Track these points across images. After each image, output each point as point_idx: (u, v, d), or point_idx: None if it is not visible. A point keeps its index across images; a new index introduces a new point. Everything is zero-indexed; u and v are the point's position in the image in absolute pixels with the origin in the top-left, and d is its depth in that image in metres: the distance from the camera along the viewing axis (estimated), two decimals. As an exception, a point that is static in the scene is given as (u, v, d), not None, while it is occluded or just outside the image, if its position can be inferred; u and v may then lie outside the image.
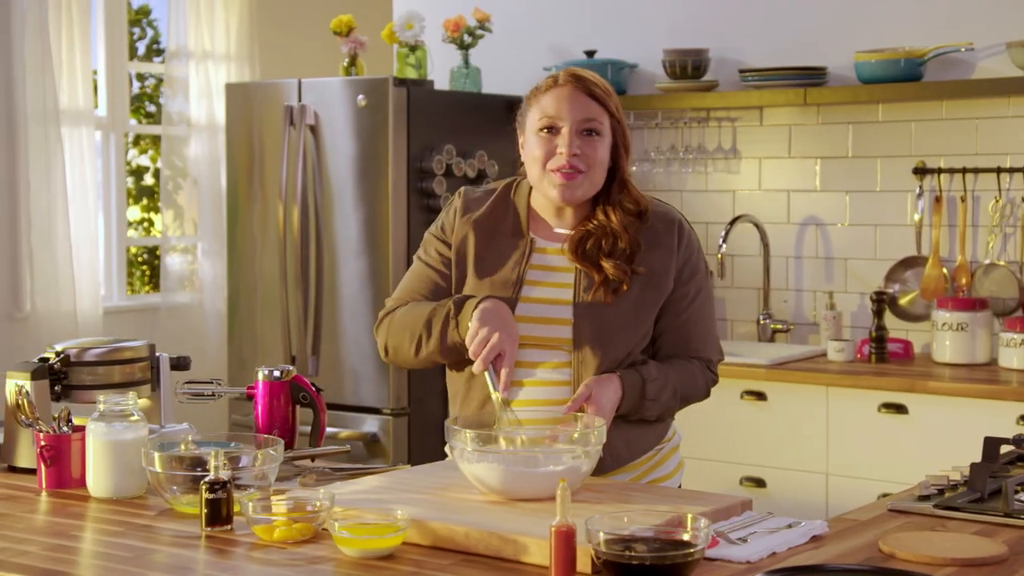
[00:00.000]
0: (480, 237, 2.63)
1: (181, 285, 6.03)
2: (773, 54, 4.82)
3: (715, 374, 2.71)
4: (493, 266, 2.60)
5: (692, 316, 2.63)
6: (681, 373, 2.61)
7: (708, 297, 2.68)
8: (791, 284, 4.88)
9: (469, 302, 2.51)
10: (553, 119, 2.54)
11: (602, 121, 2.55)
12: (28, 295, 5.46)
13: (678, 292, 2.61)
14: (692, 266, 2.63)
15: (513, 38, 5.32)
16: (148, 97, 6.74)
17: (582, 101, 2.53)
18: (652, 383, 2.55)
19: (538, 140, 2.55)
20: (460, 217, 2.66)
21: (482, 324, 2.45)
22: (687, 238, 2.63)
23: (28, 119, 5.34)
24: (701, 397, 2.69)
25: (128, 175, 6.59)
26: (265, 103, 4.99)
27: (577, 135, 2.53)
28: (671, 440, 2.72)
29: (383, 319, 2.67)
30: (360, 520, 2.11)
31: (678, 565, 1.91)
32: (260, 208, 5.01)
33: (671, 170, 5.02)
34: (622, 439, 2.57)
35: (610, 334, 2.54)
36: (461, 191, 2.72)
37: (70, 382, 2.72)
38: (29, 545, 2.14)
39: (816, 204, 4.83)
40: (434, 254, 2.67)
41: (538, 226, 2.64)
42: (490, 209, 2.66)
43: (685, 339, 2.63)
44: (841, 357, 4.46)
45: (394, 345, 2.63)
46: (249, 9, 6.12)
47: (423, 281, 2.66)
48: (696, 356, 2.65)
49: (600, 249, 2.55)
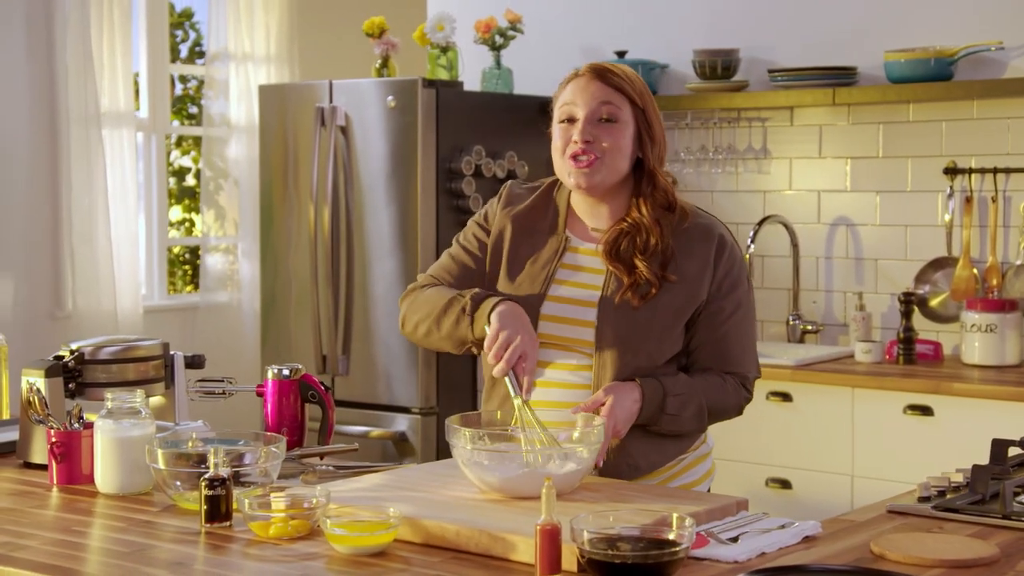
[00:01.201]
0: (517, 231, 2.64)
1: (221, 285, 6.09)
2: (803, 54, 4.81)
3: (750, 391, 2.64)
4: (525, 261, 2.61)
5: (730, 331, 2.57)
6: (711, 389, 2.56)
7: (748, 313, 2.62)
8: (821, 285, 4.86)
9: (486, 302, 2.51)
10: (570, 109, 2.53)
11: (620, 108, 2.52)
12: (69, 294, 5.55)
13: (715, 305, 2.55)
14: (732, 280, 2.57)
15: (544, 39, 5.34)
16: (190, 99, 6.83)
17: (599, 90, 2.52)
18: (674, 398, 2.50)
19: (558, 131, 2.56)
20: (501, 209, 2.67)
21: (503, 327, 2.44)
22: (728, 252, 2.58)
23: (70, 121, 5.43)
24: (732, 414, 2.64)
25: (170, 176, 6.68)
26: (298, 104, 5.04)
27: (592, 122, 2.51)
28: (696, 449, 2.66)
29: (410, 292, 2.69)
30: (354, 517, 2.14)
31: (661, 564, 1.92)
32: (293, 208, 5.06)
33: (701, 171, 5.02)
34: (640, 450, 2.54)
35: (633, 339, 2.51)
36: (508, 184, 2.74)
37: (84, 380, 2.77)
38: (31, 540, 2.19)
39: (846, 204, 4.81)
40: (472, 239, 2.69)
41: (575, 225, 2.63)
42: (531, 205, 2.66)
43: (722, 354, 2.58)
44: (868, 358, 4.44)
45: (413, 321, 2.65)
46: (289, 11, 6.18)
47: (456, 263, 2.68)
48: (732, 372, 2.60)
49: (635, 246, 2.53)
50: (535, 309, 2.55)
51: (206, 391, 2.83)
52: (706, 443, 2.70)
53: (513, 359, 2.41)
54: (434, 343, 2.62)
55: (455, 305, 2.55)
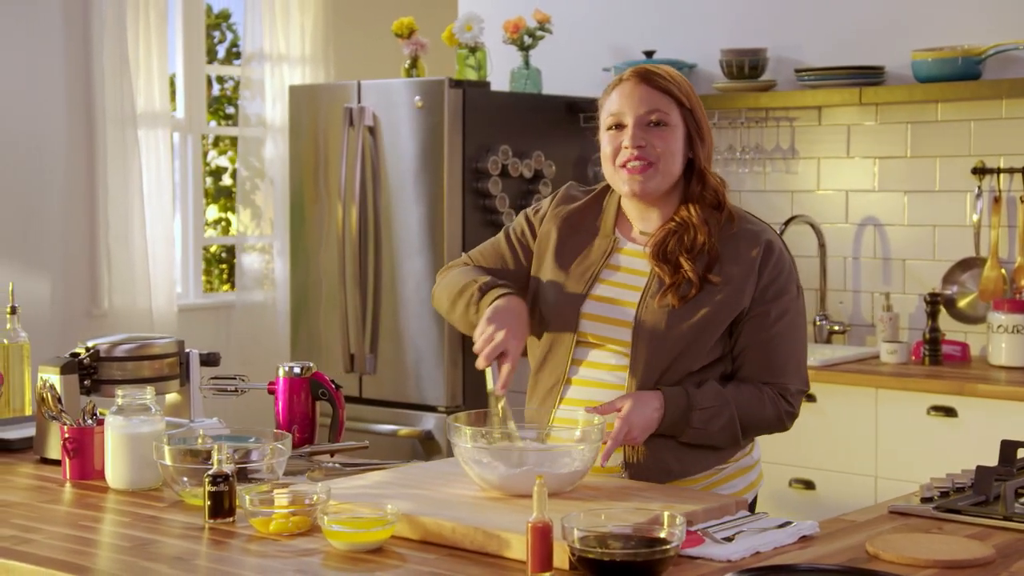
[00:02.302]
0: (564, 231, 2.64)
1: (257, 284, 6.14)
2: (830, 53, 4.79)
3: (791, 404, 2.56)
4: (570, 260, 2.61)
5: (775, 337, 2.52)
6: (745, 401, 2.50)
7: (795, 322, 2.55)
8: (849, 285, 4.85)
9: (490, 293, 2.54)
10: (618, 116, 2.53)
11: (668, 111, 2.51)
12: (106, 293, 5.62)
13: (759, 310, 2.51)
14: (779, 287, 2.52)
15: (573, 39, 5.35)
16: (227, 99, 6.89)
17: (646, 94, 2.51)
18: (701, 411, 2.46)
19: (607, 138, 2.55)
20: (553, 208, 2.68)
21: (489, 322, 2.47)
22: (775, 258, 2.53)
23: (106, 122, 5.50)
24: (774, 428, 2.56)
25: (207, 176, 6.75)
26: (328, 105, 5.08)
27: (641, 128, 2.50)
28: (739, 460, 2.60)
29: (448, 268, 2.74)
30: (353, 514, 2.17)
31: (650, 562, 1.93)
32: (323, 208, 5.10)
33: (728, 170, 5.01)
34: (675, 454, 2.51)
35: (669, 341, 2.48)
36: (568, 184, 2.75)
37: (100, 377, 2.81)
38: (37, 534, 2.23)
39: (874, 204, 4.79)
40: (517, 231, 2.71)
41: (625, 228, 2.63)
42: (582, 207, 2.67)
43: (765, 360, 2.53)
44: (894, 359, 4.42)
45: (437, 296, 2.71)
46: (324, 12, 6.23)
47: (495, 251, 2.72)
48: (773, 381, 2.53)
49: (682, 245, 2.51)
50: (576, 307, 2.56)
51: (219, 388, 2.87)
52: (751, 454, 2.64)
53: (493, 355, 2.44)
54: (454, 322, 2.67)
55: (467, 291, 2.59)
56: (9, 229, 5.30)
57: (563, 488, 2.33)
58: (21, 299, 5.25)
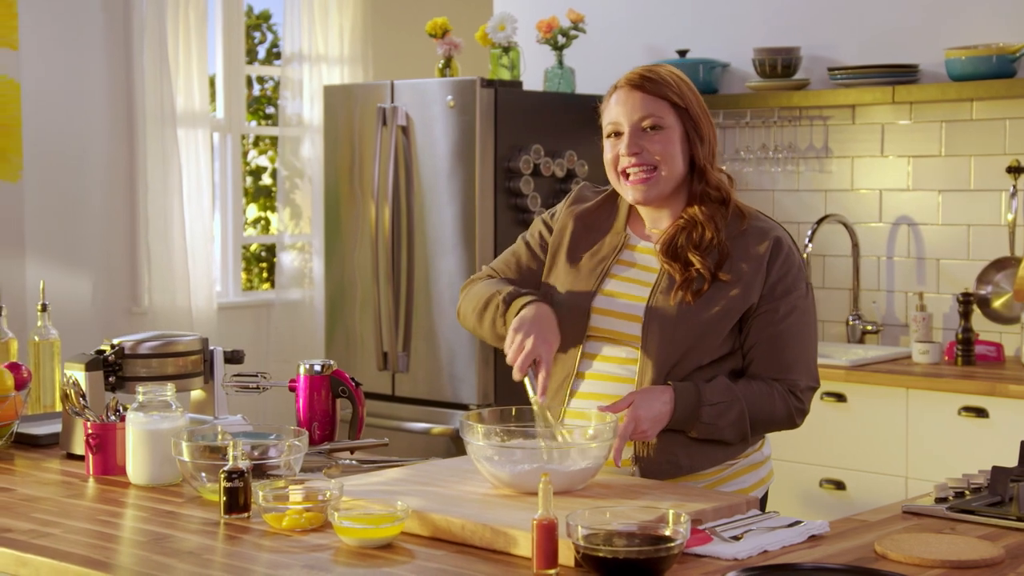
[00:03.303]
0: (578, 228, 2.67)
1: (295, 282, 6.19)
2: (864, 52, 4.77)
3: (801, 401, 2.56)
4: (582, 257, 2.64)
5: (783, 333, 2.52)
6: (755, 397, 2.51)
7: (804, 318, 2.55)
8: (882, 285, 4.82)
9: (516, 302, 2.56)
10: (615, 124, 2.56)
11: (662, 115, 2.53)
12: (146, 291, 5.69)
13: (768, 306, 2.52)
14: (788, 284, 2.53)
15: (607, 38, 5.36)
16: (267, 99, 6.95)
17: (638, 100, 2.53)
18: (711, 407, 2.48)
19: (607, 146, 2.59)
20: (567, 208, 2.71)
21: (517, 331, 2.48)
22: (784, 255, 2.54)
23: (146, 122, 5.57)
24: (783, 425, 2.57)
25: (247, 175, 6.81)
26: (361, 104, 5.11)
27: (637, 134, 2.53)
28: (749, 456, 2.61)
29: (469, 283, 2.76)
30: (365, 510, 2.19)
31: (653, 560, 1.94)
32: (358, 207, 5.13)
33: (762, 169, 5.00)
34: (685, 449, 2.53)
35: (678, 336, 2.50)
36: (580, 184, 2.79)
37: (124, 374, 2.85)
38: (55, 528, 2.26)
39: (908, 204, 4.77)
40: (536, 236, 2.74)
41: (636, 225, 2.66)
42: (596, 205, 2.70)
43: (773, 357, 2.54)
44: (925, 359, 4.40)
45: (463, 312, 2.72)
46: (362, 12, 6.27)
47: (515, 258, 2.74)
48: (782, 378, 2.54)
49: (690, 241, 2.53)
50: (587, 303, 2.58)
51: (241, 385, 2.90)
52: (761, 451, 2.65)
53: (526, 364, 2.45)
54: (483, 337, 2.69)
55: (492, 302, 2.61)
56: (52, 228, 5.38)
57: (575, 486, 2.34)
58: (63, 297, 5.36)
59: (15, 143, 5.26)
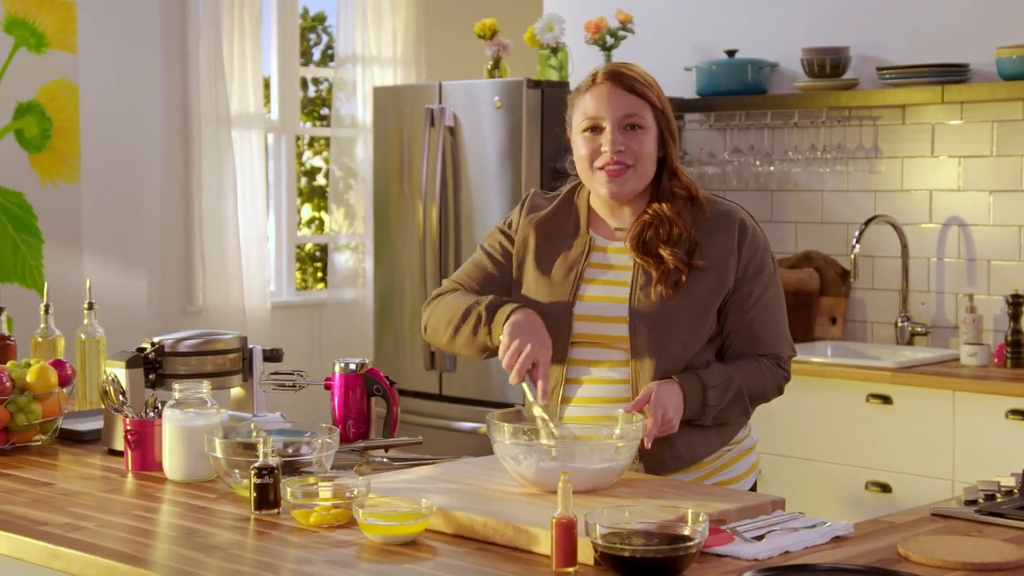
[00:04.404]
0: (540, 238, 2.68)
1: (349, 282, 6.24)
2: (913, 51, 4.73)
3: (786, 371, 2.67)
4: (552, 266, 2.65)
5: (760, 314, 2.61)
6: (747, 374, 2.59)
7: (776, 294, 2.65)
8: (932, 286, 4.78)
9: (501, 310, 2.56)
10: (595, 119, 2.57)
11: (643, 115, 2.56)
12: (200, 290, 5.76)
13: (743, 290, 2.59)
14: (757, 264, 2.61)
15: (655, 39, 5.35)
16: (323, 101, 7.01)
17: (621, 97, 2.55)
18: (713, 389, 2.54)
19: (583, 140, 2.59)
20: (524, 217, 2.72)
21: (513, 337, 2.49)
22: (751, 235, 2.61)
23: (201, 123, 5.64)
24: (773, 395, 2.67)
25: (302, 176, 6.87)
26: (410, 106, 5.15)
27: (620, 131, 2.55)
28: (741, 443, 2.69)
29: (433, 299, 2.74)
30: (391, 508, 2.21)
31: (670, 559, 1.95)
32: (407, 207, 5.17)
33: (810, 170, 4.97)
34: (684, 440, 2.58)
35: (667, 331, 2.55)
36: (531, 192, 2.78)
37: (164, 371, 2.90)
38: (89, 522, 2.31)
39: (959, 204, 4.72)
40: (496, 246, 2.74)
41: (598, 225, 2.67)
42: (553, 211, 2.71)
43: (754, 338, 2.62)
44: (974, 361, 4.36)
45: (432, 327, 2.71)
46: (415, 14, 6.31)
47: (479, 269, 2.74)
48: (766, 353, 2.63)
49: (659, 236, 2.57)
50: (567, 311, 2.59)
51: (277, 384, 2.94)
52: (750, 436, 2.72)
53: (524, 369, 2.47)
54: (456, 349, 2.67)
55: (472, 314, 2.60)
56: (109, 228, 5.47)
57: (600, 485, 2.35)
58: (119, 296, 5.45)
59: (74, 145, 5.36)
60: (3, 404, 2.87)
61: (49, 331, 3.35)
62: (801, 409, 4.42)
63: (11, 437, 2.91)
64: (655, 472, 2.57)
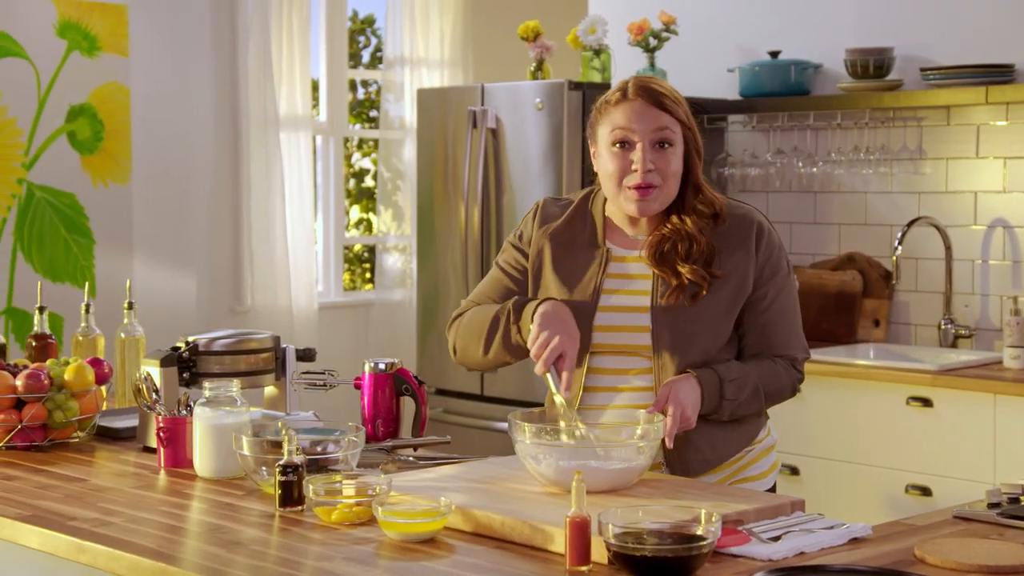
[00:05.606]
0: (556, 249, 2.67)
1: (397, 283, 6.28)
2: (958, 51, 4.69)
3: (800, 372, 2.69)
4: (570, 277, 2.64)
5: (774, 316, 2.63)
6: (764, 372, 2.61)
7: (790, 296, 2.66)
8: (977, 288, 4.74)
9: (529, 305, 2.56)
10: (625, 133, 2.55)
11: (674, 131, 2.55)
12: (249, 291, 5.83)
13: (758, 292, 2.61)
14: (773, 266, 2.62)
15: (698, 40, 5.35)
16: (371, 103, 7.07)
17: (653, 114, 2.54)
18: (730, 383, 2.56)
19: (611, 155, 2.56)
20: (537, 229, 2.70)
21: (542, 328, 2.49)
22: (767, 238, 2.62)
23: (250, 125, 5.71)
24: (787, 395, 2.69)
25: (350, 177, 6.93)
26: (454, 107, 5.18)
27: (650, 149, 2.54)
28: (762, 441, 2.71)
29: (454, 320, 2.75)
30: (411, 506, 2.24)
31: (684, 558, 1.96)
32: (451, 209, 5.20)
33: (853, 171, 4.95)
34: (707, 441, 2.59)
35: (689, 339, 2.56)
36: (541, 201, 2.76)
37: (198, 370, 2.94)
38: (117, 517, 2.35)
39: (1004, 206, 4.68)
40: (511, 260, 2.73)
41: (614, 235, 2.66)
42: (567, 220, 2.69)
43: (768, 339, 2.64)
44: (1016, 364, 4.32)
45: (462, 346, 2.71)
46: (462, 16, 6.34)
47: (497, 286, 2.74)
48: (782, 354, 2.65)
49: (677, 253, 2.57)
50: (588, 322, 2.59)
51: (308, 383, 2.97)
52: (771, 435, 2.74)
53: (551, 359, 2.47)
54: (491, 360, 2.67)
55: (500, 319, 2.61)
56: (159, 228, 5.55)
57: (620, 485, 2.36)
58: (168, 296, 5.53)
59: (125, 147, 5.44)
60: (41, 401, 2.92)
61: (90, 330, 3.41)
62: (842, 412, 4.41)
63: (49, 434, 2.96)
64: (682, 475, 2.58)
